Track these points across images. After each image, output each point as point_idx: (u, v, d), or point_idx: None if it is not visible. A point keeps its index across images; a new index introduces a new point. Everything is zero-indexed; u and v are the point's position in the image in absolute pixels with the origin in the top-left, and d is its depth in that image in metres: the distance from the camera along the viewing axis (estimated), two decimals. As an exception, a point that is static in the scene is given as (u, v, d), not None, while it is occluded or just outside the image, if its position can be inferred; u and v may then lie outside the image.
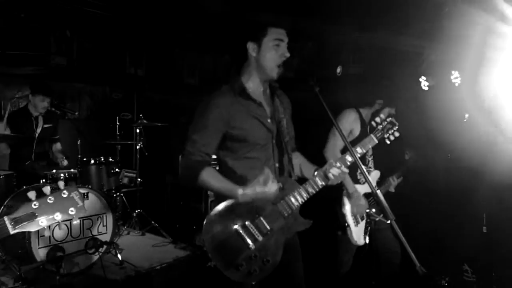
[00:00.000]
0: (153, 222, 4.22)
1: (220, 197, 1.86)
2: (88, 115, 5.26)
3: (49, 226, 3.04)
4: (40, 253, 2.95)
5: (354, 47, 4.83)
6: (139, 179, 4.38)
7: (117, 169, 3.93)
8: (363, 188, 2.75)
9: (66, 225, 3.11)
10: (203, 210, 4.67)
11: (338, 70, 1.75)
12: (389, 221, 1.90)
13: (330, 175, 1.84)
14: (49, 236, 3.00)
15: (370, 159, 2.87)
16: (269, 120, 1.89)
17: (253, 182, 1.71)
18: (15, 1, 4.30)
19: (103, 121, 4.99)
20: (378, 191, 2.78)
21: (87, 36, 5.16)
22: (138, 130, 4.36)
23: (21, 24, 4.54)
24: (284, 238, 1.83)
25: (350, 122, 2.79)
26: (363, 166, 1.75)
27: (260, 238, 1.76)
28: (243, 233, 1.74)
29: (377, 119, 1.99)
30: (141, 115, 4.37)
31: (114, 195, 3.99)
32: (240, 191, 1.72)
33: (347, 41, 4.73)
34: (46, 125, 4.06)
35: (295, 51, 1.95)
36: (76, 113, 4.24)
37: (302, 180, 1.93)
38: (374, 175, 2.82)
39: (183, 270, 3.59)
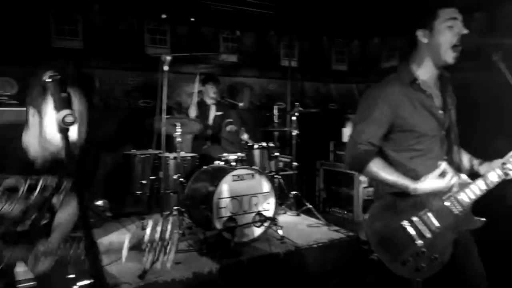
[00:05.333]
0: (307, 204, 4.48)
1: (379, 189, 1.87)
2: (249, 105, 5.88)
3: (226, 200, 3.50)
4: (218, 223, 3.49)
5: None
6: (294, 163, 4.68)
7: (276, 153, 4.31)
8: None
9: (237, 200, 3.59)
10: (354, 196, 4.72)
11: (527, 40, 1.52)
12: None
13: (511, 172, 1.70)
14: (226, 209, 3.53)
15: None
16: (440, 112, 1.81)
17: (428, 176, 1.67)
18: (188, 8, 5.06)
19: (261, 110, 5.52)
20: None
21: (248, 35, 5.77)
22: (294, 118, 4.64)
23: (194, 28, 5.36)
24: (453, 236, 1.75)
25: None
26: None
27: (428, 234, 1.71)
28: (410, 229, 1.71)
29: None
30: (296, 103, 4.65)
31: (274, 176, 4.38)
32: (412, 186, 1.68)
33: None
34: (217, 113, 4.74)
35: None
36: (241, 104, 4.78)
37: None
38: None
39: (338, 251, 3.74)
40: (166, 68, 3.23)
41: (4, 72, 4.27)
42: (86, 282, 1.44)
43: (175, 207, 3.91)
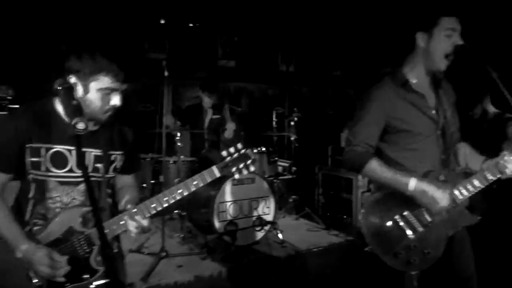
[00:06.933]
0: (307, 208, 4.51)
1: (381, 188, 1.86)
2: (248, 110, 5.93)
3: (227, 204, 3.52)
4: (219, 227, 3.50)
5: None
6: (293, 168, 4.72)
7: (275, 158, 4.34)
8: None
9: (238, 204, 3.61)
10: (353, 200, 4.75)
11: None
12: None
13: (507, 170, 1.74)
14: (226, 213, 3.55)
15: None
16: (433, 112, 1.84)
17: (431, 182, 1.69)
18: (185, 13, 5.10)
19: (260, 115, 5.57)
20: None
21: (248, 40, 5.83)
22: (292, 123, 4.69)
23: (192, 34, 5.40)
24: (448, 232, 1.78)
25: None
26: None
27: (420, 229, 1.74)
28: (402, 223, 1.75)
29: None
30: (295, 108, 4.70)
31: (273, 181, 4.41)
32: (412, 181, 1.69)
33: None
34: (214, 116, 4.74)
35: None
36: (239, 109, 4.81)
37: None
38: None
39: (337, 255, 3.76)
40: (166, 73, 3.26)
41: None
42: (102, 281, 1.45)
43: (176, 211, 3.93)
